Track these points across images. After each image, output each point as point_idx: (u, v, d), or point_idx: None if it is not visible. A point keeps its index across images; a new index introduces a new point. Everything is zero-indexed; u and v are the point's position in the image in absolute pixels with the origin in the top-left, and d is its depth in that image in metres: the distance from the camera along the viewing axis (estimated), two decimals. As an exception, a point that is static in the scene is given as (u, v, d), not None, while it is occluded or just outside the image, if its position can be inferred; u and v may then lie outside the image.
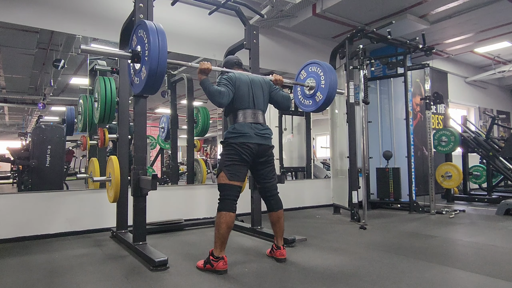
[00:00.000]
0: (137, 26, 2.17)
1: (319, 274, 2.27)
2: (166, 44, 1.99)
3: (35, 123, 7.78)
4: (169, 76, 5.35)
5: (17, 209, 3.38)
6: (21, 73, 6.23)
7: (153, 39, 1.95)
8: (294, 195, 5.32)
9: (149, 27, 1.99)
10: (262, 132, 2.50)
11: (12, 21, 3.54)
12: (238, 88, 2.49)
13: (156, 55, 1.94)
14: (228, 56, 2.89)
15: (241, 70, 2.74)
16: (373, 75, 6.14)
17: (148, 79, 1.97)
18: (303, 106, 3.05)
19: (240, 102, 2.50)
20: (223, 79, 2.48)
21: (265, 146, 2.52)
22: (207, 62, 2.41)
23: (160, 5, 3.22)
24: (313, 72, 2.92)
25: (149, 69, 1.95)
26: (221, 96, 2.38)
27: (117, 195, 3.03)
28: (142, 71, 2.07)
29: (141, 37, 2.08)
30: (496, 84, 9.65)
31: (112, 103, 3.53)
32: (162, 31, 2.01)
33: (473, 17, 5.37)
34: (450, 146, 5.74)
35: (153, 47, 1.94)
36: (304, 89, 2.98)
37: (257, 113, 2.55)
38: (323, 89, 2.80)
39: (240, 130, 2.44)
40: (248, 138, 2.43)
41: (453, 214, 4.54)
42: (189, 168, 5.02)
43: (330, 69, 2.83)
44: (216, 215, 2.40)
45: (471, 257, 2.71)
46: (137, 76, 2.14)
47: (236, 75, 2.55)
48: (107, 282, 2.18)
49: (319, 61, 2.91)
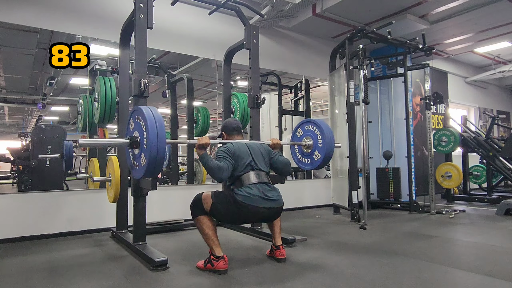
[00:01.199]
0: (134, 111, 2.18)
1: (319, 274, 2.27)
2: (164, 131, 2.00)
3: (35, 123, 7.79)
4: (169, 76, 5.35)
5: (17, 209, 3.38)
6: (21, 73, 6.23)
7: (151, 128, 1.96)
8: (294, 195, 5.32)
9: (146, 115, 1.99)
10: (270, 194, 2.43)
11: (12, 21, 3.54)
12: (237, 158, 2.46)
13: (155, 143, 1.95)
14: (227, 120, 2.84)
15: (240, 136, 2.73)
16: (373, 75, 6.14)
17: (148, 166, 1.99)
18: (301, 164, 3.00)
19: (241, 170, 2.45)
20: (221, 151, 2.46)
21: (275, 209, 2.47)
22: (205, 137, 2.41)
23: (160, 5, 3.22)
24: (309, 130, 2.88)
25: (148, 157, 1.97)
26: (221, 171, 2.34)
27: (117, 195, 3.03)
28: (141, 157, 2.08)
29: (139, 123, 2.10)
30: (496, 84, 9.65)
31: (112, 103, 3.53)
32: (160, 118, 2.01)
33: (473, 17, 5.37)
34: (450, 146, 5.74)
35: (151, 135, 1.95)
36: (301, 148, 2.97)
37: (261, 174, 2.50)
38: (321, 148, 2.77)
39: (248, 191, 2.37)
40: (255, 202, 2.36)
41: (453, 214, 4.53)
42: (189, 168, 5.02)
43: (326, 127, 2.79)
44: (194, 221, 2.44)
45: (471, 257, 2.71)
46: (136, 161, 2.16)
47: (234, 145, 2.52)
48: (107, 282, 2.18)
49: (315, 120, 2.88)
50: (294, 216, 4.69)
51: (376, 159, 5.46)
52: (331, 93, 5.08)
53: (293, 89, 6.34)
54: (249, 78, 3.55)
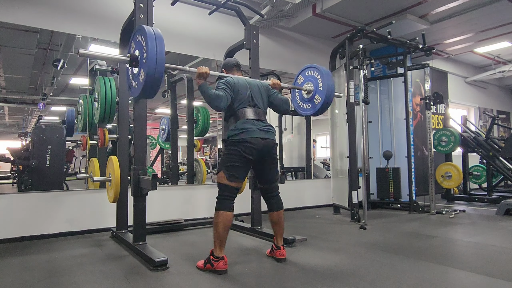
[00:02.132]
0: (136, 32, 2.19)
1: (319, 274, 2.27)
2: (164, 48, 2.01)
3: (35, 123, 7.79)
4: (169, 76, 5.35)
5: (17, 209, 3.38)
6: (21, 73, 6.23)
7: (150, 44, 1.97)
8: (294, 195, 5.32)
9: (147, 32, 2.01)
10: (265, 128, 2.49)
11: (12, 21, 3.54)
12: (236, 92, 2.49)
13: (154, 58, 1.96)
14: (227, 58, 2.89)
15: (239, 73, 2.74)
16: (373, 75, 6.14)
17: (145, 82, 1.99)
18: (301, 110, 3.03)
19: (239, 103, 2.50)
20: (221, 83, 2.48)
21: (269, 140, 2.49)
22: (204, 67, 2.39)
23: (160, 5, 3.22)
24: (310, 76, 2.91)
25: (146, 73, 1.97)
26: (220, 99, 2.37)
27: (117, 195, 3.03)
28: (140, 74, 2.09)
29: (140, 42, 2.11)
30: (496, 84, 9.65)
31: (112, 103, 3.53)
32: (160, 36, 2.03)
33: (473, 17, 5.37)
34: (450, 146, 5.74)
35: (150, 51, 1.96)
36: (302, 93, 2.98)
37: (258, 111, 2.55)
38: (321, 91, 2.79)
39: (242, 127, 2.43)
40: (251, 133, 2.41)
41: (453, 214, 4.54)
42: (189, 168, 5.02)
43: (327, 72, 2.81)
44: (214, 214, 2.41)
45: (471, 257, 2.71)
46: (135, 80, 2.16)
47: (234, 79, 2.54)
48: (107, 282, 2.18)
49: (316, 65, 2.90)
50: (294, 216, 4.69)
51: (376, 159, 5.46)
52: (331, 93, 5.07)
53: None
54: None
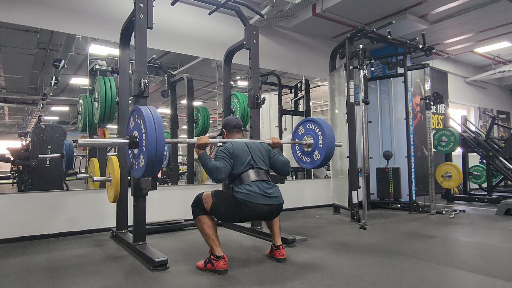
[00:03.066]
0: (133, 111, 2.20)
1: (319, 274, 2.27)
2: (163, 131, 2.02)
3: (35, 123, 7.78)
4: (169, 76, 5.35)
5: (17, 209, 3.38)
6: (21, 73, 6.23)
7: (149, 127, 1.98)
8: (294, 195, 5.32)
9: (145, 115, 2.01)
10: (269, 192, 2.44)
11: (12, 21, 3.54)
12: (236, 157, 2.46)
13: (153, 144, 1.97)
14: (228, 117, 2.83)
15: (240, 134, 2.73)
16: (373, 75, 6.14)
17: (147, 166, 2.01)
18: (301, 162, 3.00)
19: (241, 168, 2.45)
20: (219, 151, 2.46)
21: (275, 205, 2.46)
22: (204, 137, 2.42)
23: (160, 5, 3.22)
24: (310, 129, 2.87)
25: (147, 158, 1.99)
26: (219, 172, 2.35)
27: (117, 195, 3.03)
28: (140, 157, 2.10)
29: (138, 123, 2.11)
30: (496, 84, 9.65)
31: (112, 103, 3.53)
32: (159, 118, 2.03)
33: (473, 17, 5.37)
34: (450, 146, 5.74)
35: (150, 134, 1.97)
36: (302, 146, 2.97)
37: (260, 172, 2.50)
38: (321, 149, 2.76)
39: (247, 188, 2.38)
40: (255, 198, 2.36)
41: (453, 214, 4.54)
42: (189, 168, 5.02)
43: (327, 127, 2.78)
44: (195, 221, 2.44)
45: (471, 257, 2.71)
46: (136, 161, 2.18)
47: (234, 144, 2.52)
48: (107, 282, 2.18)
49: (316, 119, 2.86)
50: (294, 216, 4.69)
51: (376, 159, 5.46)
52: (331, 93, 5.08)
53: (293, 89, 6.34)
54: (249, 78, 3.55)
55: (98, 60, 4.23)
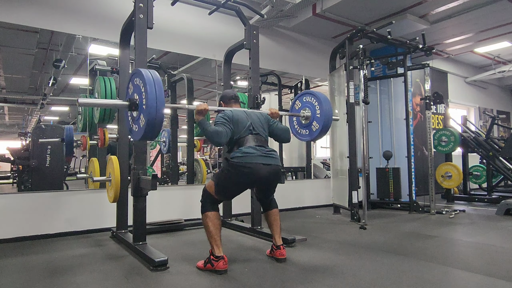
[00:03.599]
0: (133, 74, 2.18)
1: (319, 274, 2.27)
2: (163, 93, 2.01)
3: (35, 123, 7.79)
4: (169, 76, 5.35)
5: (17, 209, 3.38)
6: (21, 73, 6.23)
7: (149, 89, 1.97)
8: (294, 195, 5.32)
9: (145, 77, 2.00)
10: (268, 153, 2.47)
11: (12, 21, 3.54)
12: (236, 123, 2.49)
13: (153, 105, 1.95)
14: (225, 90, 2.88)
15: (238, 105, 2.75)
16: (373, 75, 6.14)
17: (147, 127, 2.00)
18: (299, 135, 3.02)
19: (240, 134, 2.48)
20: (219, 117, 2.48)
21: (273, 166, 2.47)
22: (204, 103, 2.43)
23: (160, 5, 3.22)
24: (307, 102, 2.89)
25: (147, 119, 1.98)
26: (219, 136, 2.37)
27: (117, 195, 3.03)
28: (140, 119, 2.09)
29: (138, 86, 2.10)
30: (496, 84, 9.65)
31: (112, 103, 3.53)
32: (159, 80, 2.02)
33: (473, 17, 5.37)
34: (450, 146, 5.74)
35: (150, 96, 1.96)
36: (300, 119, 2.98)
37: (259, 137, 2.53)
38: (319, 118, 2.78)
39: (245, 150, 2.41)
40: (253, 158, 2.39)
41: (453, 214, 4.54)
42: (189, 168, 5.02)
43: (324, 99, 2.79)
44: (202, 217, 2.45)
45: (471, 257, 2.71)
46: (135, 123, 2.16)
47: (233, 111, 2.54)
48: (107, 282, 2.18)
49: (313, 91, 2.89)
50: (294, 216, 4.69)
51: (376, 159, 5.46)
52: (331, 93, 5.08)
53: (293, 89, 6.34)
54: (249, 78, 3.55)
55: (98, 60, 4.23)
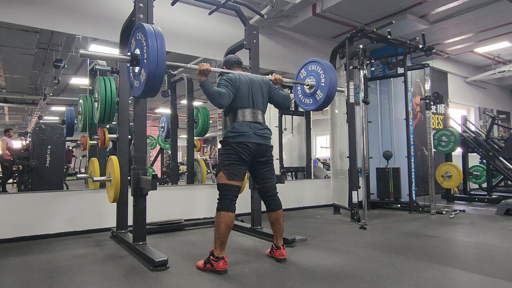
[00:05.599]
0: (136, 29, 2.17)
1: (319, 274, 2.27)
2: (165, 46, 2.00)
3: (35, 123, 7.78)
4: (169, 76, 5.35)
5: (17, 209, 3.38)
6: (21, 73, 6.23)
7: (151, 42, 1.96)
8: (294, 195, 5.32)
9: (147, 30, 1.99)
10: (261, 132, 2.52)
11: (12, 21, 3.54)
12: (238, 88, 2.50)
13: (154, 58, 1.94)
14: (228, 55, 2.89)
15: (240, 69, 2.74)
16: (373, 75, 6.14)
17: (147, 81, 1.98)
18: (303, 104, 3.05)
19: (239, 102, 2.52)
20: (222, 80, 2.49)
21: (263, 146, 2.53)
22: (206, 64, 2.41)
23: (160, 5, 3.22)
24: (312, 70, 2.91)
25: (148, 72, 1.96)
26: (222, 97, 2.38)
27: (117, 195, 3.03)
28: (141, 74, 2.07)
29: (140, 40, 2.09)
30: (496, 84, 9.65)
31: (112, 103, 3.53)
32: (160, 34, 2.01)
33: (473, 17, 5.37)
34: (450, 146, 5.74)
35: (151, 49, 1.95)
36: (304, 88, 2.98)
37: (256, 112, 2.56)
38: (323, 87, 2.80)
39: (239, 129, 2.45)
40: (247, 138, 2.44)
41: (453, 214, 4.53)
42: (189, 168, 5.02)
43: (329, 67, 2.82)
44: (216, 215, 2.41)
45: (471, 257, 2.71)
46: (136, 79, 2.15)
47: (236, 75, 2.55)
48: (107, 282, 2.18)
49: (319, 60, 2.91)
50: (294, 216, 4.69)
51: (376, 159, 5.46)
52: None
53: (293, 89, 6.34)
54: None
55: (98, 60, 4.23)
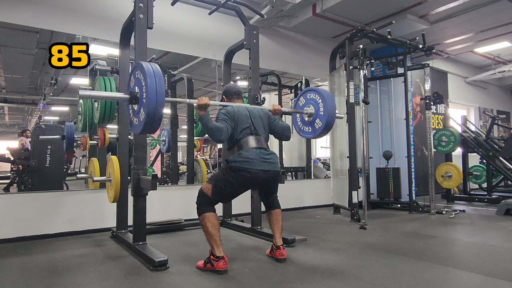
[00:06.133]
0: (135, 68, 2.19)
1: (319, 274, 2.27)
2: (164, 86, 2.01)
3: (35, 123, 7.79)
4: (169, 76, 5.35)
5: (17, 209, 3.38)
6: (21, 73, 6.24)
7: (150, 82, 1.97)
8: (294, 195, 5.32)
9: (147, 70, 2.00)
10: (268, 157, 2.47)
11: (12, 21, 3.54)
12: (237, 121, 2.49)
13: (153, 98, 1.95)
14: (228, 84, 2.87)
15: (240, 100, 2.75)
16: (373, 75, 6.14)
17: (146, 120, 2.00)
18: (302, 132, 3.01)
19: (240, 133, 2.49)
20: (221, 113, 2.48)
21: (272, 172, 2.49)
22: (205, 98, 2.41)
23: (160, 5, 3.22)
24: (311, 99, 2.89)
25: (147, 112, 1.98)
26: (220, 132, 2.37)
27: (117, 195, 3.03)
28: (140, 112, 2.09)
29: (139, 79, 2.11)
30: (496, 84, 9.65)
31: (112, 103, 3.54)
32: (159, 73, 2.02)
33: (473, 17, 5.37)
34: (450, 146, 5.73)
35: (150, 89, 1.96)
36: (303, 116, 2.97)
37: (260, 139, 2.53)
38: (322, 116, 2.77)
39: (245, 155, 2.41)
40: (253, 165, 2.39)
41: (453, 214, 4.53)
42: (189, 168, 5.02)
43: (328, 96, 2.79)
44: (199, 218, 2.43)
45: (471, 257, 2.71)
46: (136, 116, 2.17)
47: (234, 108, 2.54)
48: (107, 282, 2.18)
49: (317, 88, 2.89)
50: (294, 216, 4.69)
51: (376, 159, 5.46)
52: (331, 93, 5.08)
53: (293, 89, 6.34)
54: (249, 78, 3.55)
55: (98, 60, 4.23)
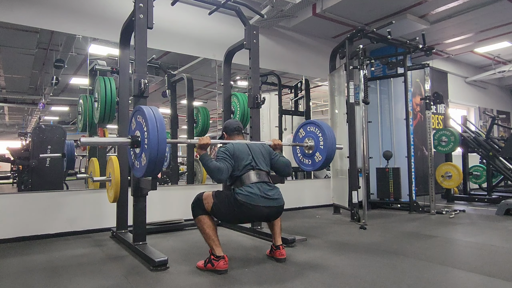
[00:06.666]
0: (135, 111, 2.20)
1: (319, 274, 2.27)
2: (165, 131, 2.02)
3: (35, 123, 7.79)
4: (169, 76, 5.35)
5: (17, 209, 3.38)
6: (21, 73, 6.24)
7: (151, 127, 1.98)
8: (294, 195, 5.32)
9: (148, 115, 2.01)
10: (271, 194, 2.44)
11: (12, 21, 3.54)
12: (237, 159, 2.48)
13: (155, 143, 1.96)
14: (228, 120, 2.86)
15: (241, 136, 2.74)
16: (373, 75, 6.14)
17: (149, 164, 2.01)
18: (303, 165, 2.99)
19: (242, 169, 2.47)
20: (221, 152, 2.47)
21: (275, 207, 2.46)
22: (206, 137, 2.41)
23: (160, 5, 3.22)
24: (311, 131, 2.88)
25: (149, 157, 1.99)
26: (220, 172, 2.35)
27: (117, 195, 3.03)
28: (142, 156, 2.10)
29: (140, 123, 2.12)
30: (496, 84, 9.65)
31: (112, 103, 3.53)
32: (161, 118, 2.03)
33: (473, 17, 5.37)
34: (450, 146, 5.74)
35: (152, 135, 1.97)
36: (303, 148, 2.97)
37: (261, 173, 2.51)
38: (322, 150, 2.77)
39: (248, 190, 2.38)
40: (255, 201, 2.36)
41: (453, 214, 4.53)
42: (189, 168, 5.02)
43: (328, 129, 2.78)
44: (195, 221, 2.44)
45: (471, 257, 2.71)
46: (137, 160, 2.18)
47: (234, 145, 2.53)
48: (107, 282, 2.18)
49: (317, 121, 2.87)
50: (294, 216, 4.69)
51: (376, 159, 5.46)
52: (331, 93, 5.08)
53: (293, 89, 6.34)
54: (249, 78, 3.55)
55: (98, 60, 4.23)
